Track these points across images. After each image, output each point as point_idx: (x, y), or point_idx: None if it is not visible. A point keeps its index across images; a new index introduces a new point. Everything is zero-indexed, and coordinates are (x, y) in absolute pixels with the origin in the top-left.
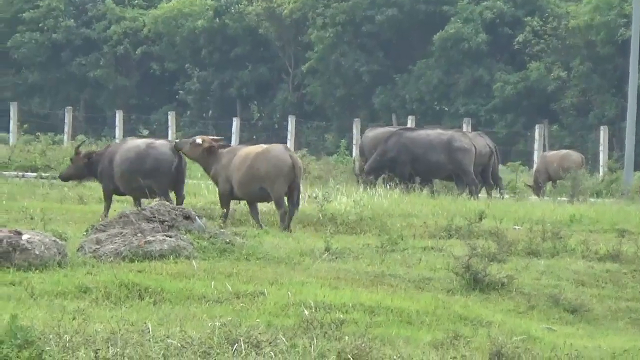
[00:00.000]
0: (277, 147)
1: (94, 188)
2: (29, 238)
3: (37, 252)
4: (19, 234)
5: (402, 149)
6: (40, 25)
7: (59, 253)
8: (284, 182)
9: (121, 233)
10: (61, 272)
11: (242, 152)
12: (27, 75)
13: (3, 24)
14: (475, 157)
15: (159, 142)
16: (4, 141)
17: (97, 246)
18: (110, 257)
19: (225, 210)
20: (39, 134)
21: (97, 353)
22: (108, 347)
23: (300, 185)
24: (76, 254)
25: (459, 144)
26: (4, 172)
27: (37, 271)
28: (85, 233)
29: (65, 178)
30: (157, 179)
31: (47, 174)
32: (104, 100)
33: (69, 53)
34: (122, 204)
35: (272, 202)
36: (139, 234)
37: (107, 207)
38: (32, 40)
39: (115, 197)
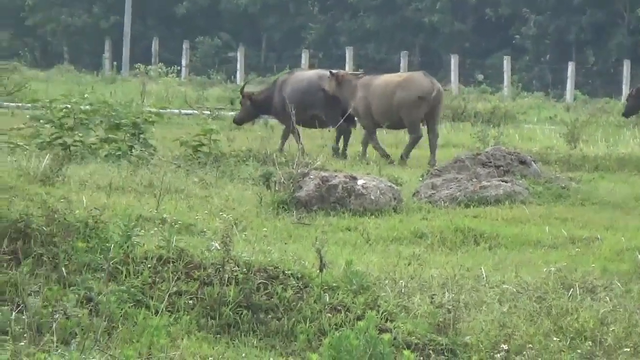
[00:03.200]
0: (418, 75)
1: None
2: (364, 183)
3: (373, 197)
4: (355, 179)
5: None
6: None
7: (394, 198)
8: (423, 109)
9: (456, 178)
10: (396, 218)
11: (381, 81)
12: (363, 20)
13: None
14: None
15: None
16: None
17: (433, 191)
18: (446, 202)
19: (375, 142)
20: None
21: (432, 298)
22: (443, 293)
23: (440, 114)
24: (411, 199)
25: None
26: None
27: (372, 216)
28: (420, 178)
29: (238, 122)
30: (327, 109)
31: None
32: (439, 45)
33: None
34: (458, 149)
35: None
36: (474, 179)
37: (293, 140)
38: None
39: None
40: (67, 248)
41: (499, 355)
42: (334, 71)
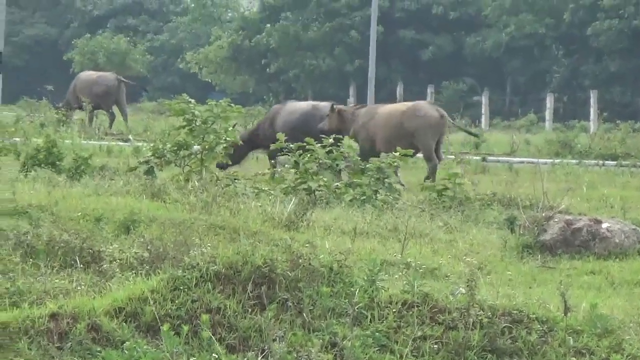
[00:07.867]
0: (424, 104)
1: None
2: (608, 226)
3: (617, 241)
4: (599, 222)
5: None
6: (620, 12)
7: (639, 241)
8: (434, 136)
9: None
10: None
11: (385, 110)
12: (608, 63)
13: (582, 11)
14: None
15: (323, 105)
16: (585, 129)
17: None
18: None
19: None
20: (619, 122)
21: None
22: None
23: (444, 139)
24: None
25: None
26: (585, 161)
27: (617, 259)
28: None
29: (224, 166)
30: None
31: (627, 162)
32: None
33: None
34: None
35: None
36: None
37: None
38: (612, 27)
39: None
40: (311, 293)
41: None
42: (335, 105)
